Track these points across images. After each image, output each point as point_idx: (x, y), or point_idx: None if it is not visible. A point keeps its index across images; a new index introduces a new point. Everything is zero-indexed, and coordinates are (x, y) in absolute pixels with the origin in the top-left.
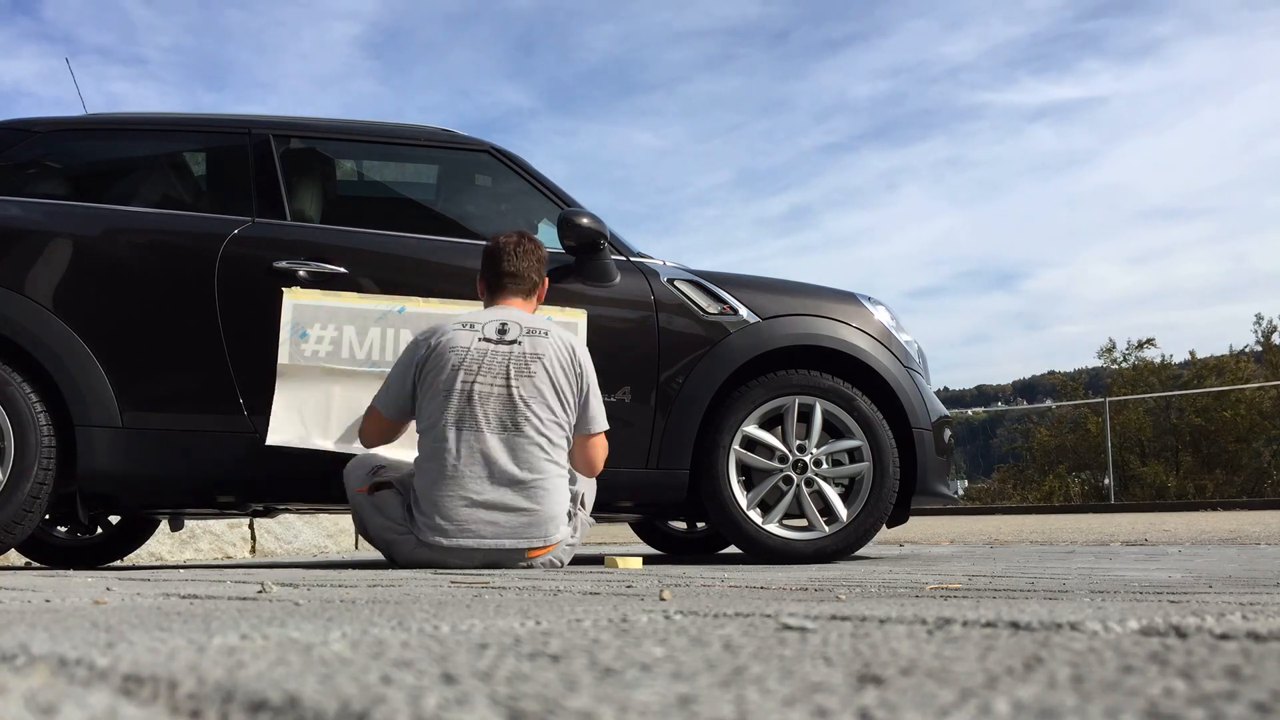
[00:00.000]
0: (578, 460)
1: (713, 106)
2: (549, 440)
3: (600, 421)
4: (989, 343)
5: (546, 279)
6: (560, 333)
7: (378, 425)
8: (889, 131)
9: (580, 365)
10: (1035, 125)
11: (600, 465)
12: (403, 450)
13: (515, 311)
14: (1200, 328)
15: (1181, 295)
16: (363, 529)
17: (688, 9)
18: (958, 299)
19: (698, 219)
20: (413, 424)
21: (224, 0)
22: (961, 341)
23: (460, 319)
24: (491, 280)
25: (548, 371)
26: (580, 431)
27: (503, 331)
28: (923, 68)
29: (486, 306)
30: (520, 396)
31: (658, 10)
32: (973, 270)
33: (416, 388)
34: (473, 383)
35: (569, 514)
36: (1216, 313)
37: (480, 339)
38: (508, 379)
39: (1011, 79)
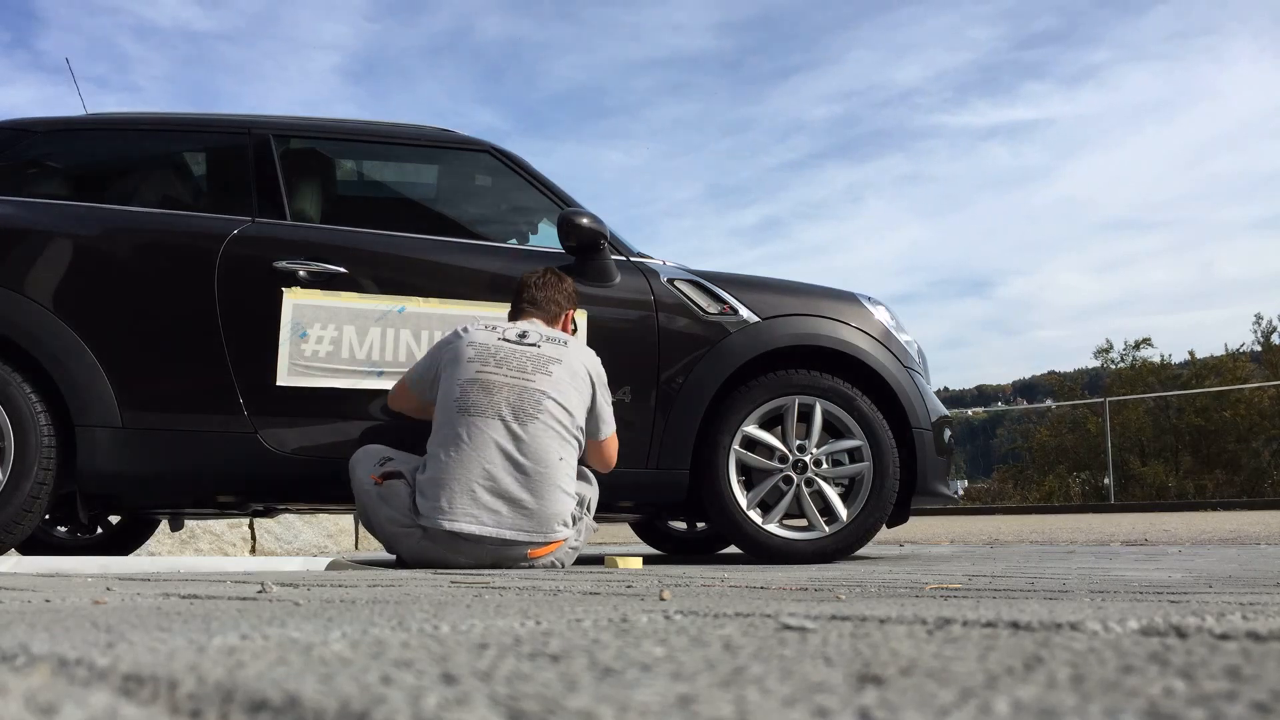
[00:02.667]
0: (593, 459)
1: (676, 128)
2: (560, 437)
3: (610, 425)
4: (968, 347)
5: (571, 312)
6: (578, 345)
7: (404, 396)
8: (848, 149)
9: (593, 375)
10: (989, 143)
11: (614, 461)
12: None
13: (537, 324)
14: (1179, 332)
15: (1154, 301)
16: (367, 521)
17: (644, 42)
18: (932, 305)
19: (673, 230)
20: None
21: (212, 35)
22: (940, 346)
23: (485, 320)
24: (516, 303)
25: (567, 374)
26: (593, 437)
27: (523, 335)
28: (873, 92)
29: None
30: (538, 389)
31: (616, 43)
32: (945, 278)
33: (441, 370)
34: (489, 372)
35: (573, 516)
36: (1192, 318)
37: (500, 338)
38: (525, 373)
39: (962, 102)
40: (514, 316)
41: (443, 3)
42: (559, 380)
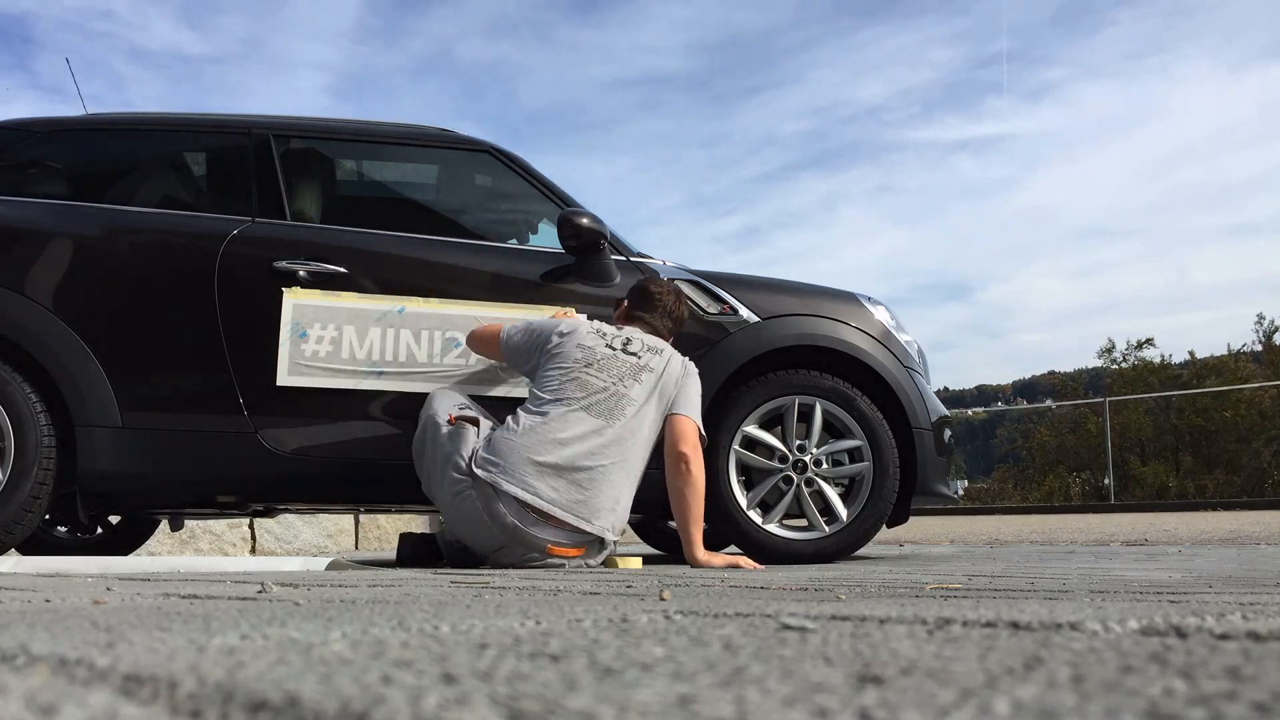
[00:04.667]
0: (672, 432)
1: (652, 142)
2: (629, 440)
3: (688, 407)
4: (952, 350)
5: (671, 338)
6: (677, 356)
7: (489, 343)
8: (820, 162)
9: (680, 380)
10: (957, 156)
11: (688, 438)
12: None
13: (642, 334)
14: (1162, 335)
15: (1133, 305)
16: (421, 454)
17: (615, 63)
18: (915, 309)
19: (656, 237)
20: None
21: (204, 58)
22: (925, 349)
23: (595, 327)
24: (636, 312)
25: (654, 382)
26: (671, 411)
27: (627, 344)
28: (840, 108)
29: (620, 326)
30: (626, 394)
31: (588, 65)
32: (925, 283)
33: (540, 358)
34: (588, 374)
35: (604, 537)
36: (1172, 321)
37: (606, 345)
38: (621, 379)
39: (927, 117)
40: (629, 320)
41: (423, 28)
42: (647, 387)
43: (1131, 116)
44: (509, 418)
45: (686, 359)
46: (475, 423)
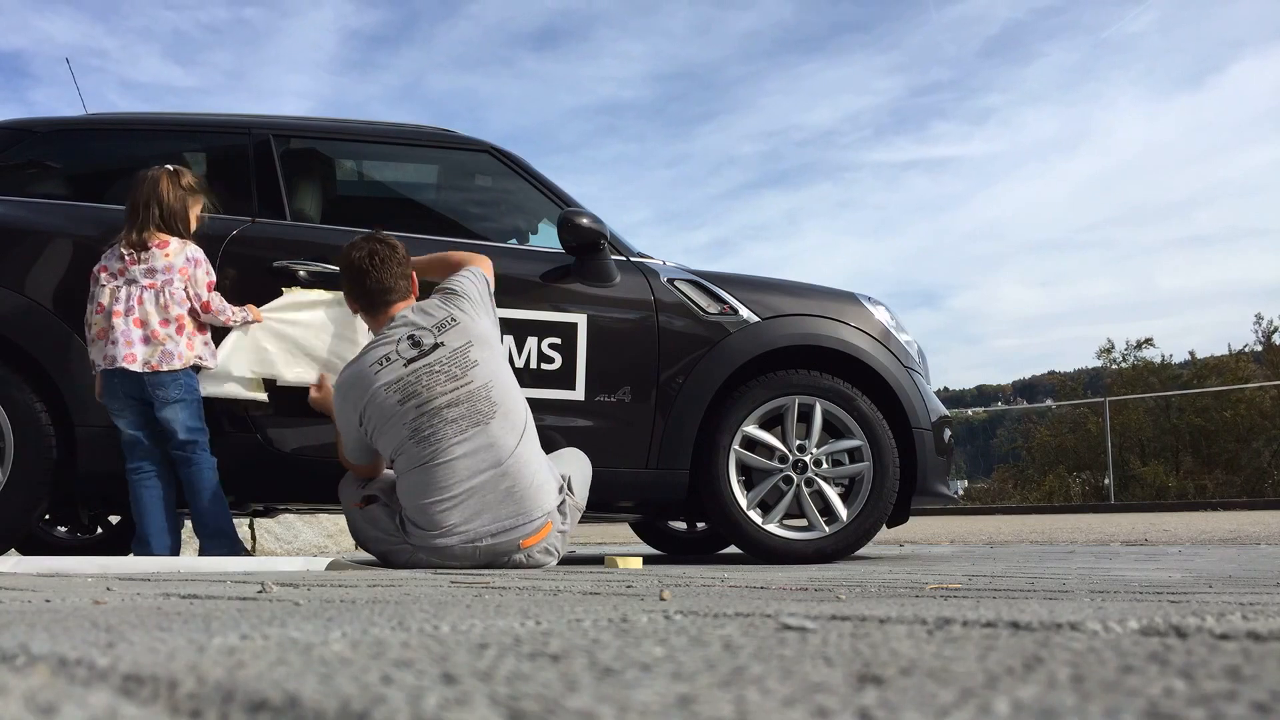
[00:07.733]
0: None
1: (616, 163)
2: (514, 427)
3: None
4: (931, 354)
5: (414, 275)
6: (455, 303)
7: (358, 467)
8: (779, 180)
9: (481, 298)
10: (910, 174)
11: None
12: None
13: (409, 316)
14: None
15: (1104, 311)
16: (359, 540)
17: (576, 92)
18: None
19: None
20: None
21: (192, 90)
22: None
23: (371, 359)
24: (364, 301)
25: (483, 344)
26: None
27: (417, 343)
28: (793, 131)
29: (373, 327)
30: (477, 387)
31: (552, 94)
32: (896, 291)
33: (369, 432)
34: (428, 401)
35: (559, 499)
36: (1147, 326)
37: (404, 364)
38: (456, 380)
39: (878, 140)
40: (372, 312)
41: (395, 62)
42: (485, 360)
43: (1071, 138)
44: (400, 482)
45: (460, 297)
46: (376, 498)
